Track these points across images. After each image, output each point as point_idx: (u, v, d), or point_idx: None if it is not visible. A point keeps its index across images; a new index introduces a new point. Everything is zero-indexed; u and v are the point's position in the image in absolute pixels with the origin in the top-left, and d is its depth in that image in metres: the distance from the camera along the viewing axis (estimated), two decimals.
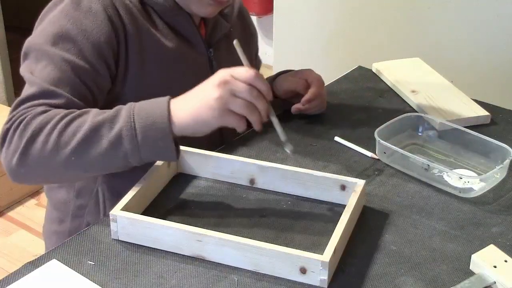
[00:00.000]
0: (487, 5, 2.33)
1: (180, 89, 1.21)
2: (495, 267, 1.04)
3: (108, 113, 1.11)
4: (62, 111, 1.12)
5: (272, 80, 1.51)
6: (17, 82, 3.16)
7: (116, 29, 1.22)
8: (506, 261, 1.05)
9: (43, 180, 1.25)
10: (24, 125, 1.10)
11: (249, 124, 1.11)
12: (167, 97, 1.12)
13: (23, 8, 3.75)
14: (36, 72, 1.17)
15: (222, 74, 1.09)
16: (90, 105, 1.18)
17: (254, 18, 3.63)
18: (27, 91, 1.15)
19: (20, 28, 3.97)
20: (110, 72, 1.23)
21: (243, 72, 1.09)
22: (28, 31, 1.27)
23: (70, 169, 1.11)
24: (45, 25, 1.22)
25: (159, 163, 1.20)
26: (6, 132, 1.12)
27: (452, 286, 1.02)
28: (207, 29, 1.38)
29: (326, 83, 1.64)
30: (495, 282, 1.02)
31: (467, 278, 1.04)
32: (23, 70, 1.20)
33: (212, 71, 1.36)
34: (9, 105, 2.94)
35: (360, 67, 1.77)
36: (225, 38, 1.41)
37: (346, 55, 2.71)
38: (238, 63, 1.16)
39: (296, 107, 1.45)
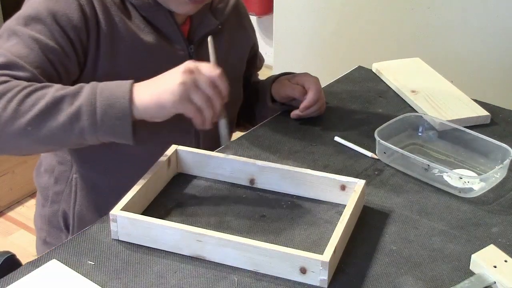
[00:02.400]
0: (487, 5, 2.33)
1: None
2: (495, 267, 1.04)
3: (70, 88, 1.12)
4: (24, 82, 1.12)
5: (271, 83, 1.50)
6: None
7: (87, 18, 1.23)
8: (506, 261, 1.05)
9: None
10: None
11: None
12: (130, 81, 1.13)
13: None
14: (4, 48, 1.17)
15: (189, 64, 1.12)
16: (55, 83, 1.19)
17: (254, 18, 3.62)
18: None
19: None
20: (78, 58, 1.23)
21: (209, 68, 1.12)
22: None
23: (24, 139, 1.11)
24: (21, 10, 1.23)
25: (159, 163, 1.20)
26: None
27: (452, 286, 1.02)
28: (192, 26, 1.37)
29: (326, 83, 1.64)
30: (495, 282, 1.02)
31: (467, 278, 1.04)
32: None
33: None
34: None
35: (360, 67, 1.77)
36: (212, 35, 1.40)
37: (346, 55, 2.71)
38: (221, 61, 1.17)
39: (295, 113, 1.45)
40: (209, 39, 1.18)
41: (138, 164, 1.29)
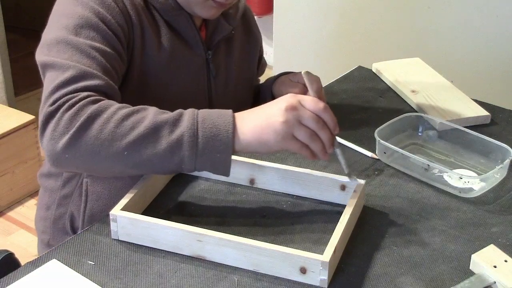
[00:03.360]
0: (487, 5, 2.33)
1: (177, 87, 1.21)
2: (495, 267, 1.04)
3: (170, 114, 1.08)
4: (116, 103, 1.09)
5: (272, 82, 1.50)
6: (17, 82, 3.17)
7: (127, 22, 1.23)
8: (506, 261, 1.05)
9: (83, 169, 1.17)
10: (77, 109, 1.06)
11: None
12: (230, 110, 1.10)
13: (23, 8, 3.76)
14: (67, 59, 1.13)
15: (291, 99, 1.08)
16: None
17: None
18: (63, 75, 1.11)
19: (20, 28, 3.98)
20: (127, 60, 1.24)
21: (312, 102, 1.08)
22: (28, 31, 1.28)
23: (118, 163, 1.07)
24: (59, 19, 1.20)
25: None
26: (51, 113, 1.07)
27: (452, 286, 1.02)
28: (208, 31, 1.38)
29: (326, 83, 1.64)
30: (495, 282, 1.02)
31: (467, 278, 1.04)
32: (47, 58, 1.15)
33: (208, 73, 1.36)
34: (9, 105, 2.94)
35: (360, 67, 1.77)
36: (225, 40, 1.41)
37: (346, 55, 2.71)
38: (235, 67, 1.16)
39: None
40: (304, 73, 1.15)
41: None
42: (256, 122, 1.08)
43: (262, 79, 1.62)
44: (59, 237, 1.41)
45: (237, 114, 1.10)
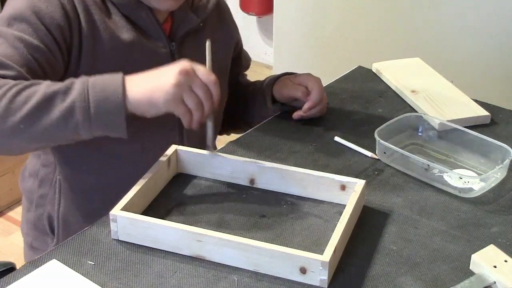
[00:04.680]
0: (487, 5, 2.33)
1: None
2: (495, 267, 1.04)
3: (61, 84, 1.12)
4: (12, 81, 1.11)
5: (273, 82, 1.49)
6: None
7: (69, 18, 1.23)
8: (506, 261, 1.05)
9: None
10: None
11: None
12: (121, 74, 1.13)
13: None
14: None
15: (185, 65, 1.12)
16: None
17: (254, 18, 3.62)
18: None
19: None
20: (62, 57, 1.23)
21: (205, 73, 1.12)
22: None
23: (16, 138, 1.10)
24: (4, 10, 1.23)
25: (159, 162, 1.20)
26: None
27: (452, 286, 1.02)
28: (173, 23, 1.36)
29: (326, 83, 1.64)
30: (495, 282, 1.02)
31: (467, 278, 1.04)
32: None
33: None
34: None
35: (360, 67, 1.77)
36: (193, 33, 1.39)
37: (346, 55, 2.71)
38: (203, 59, 1.17)
39: (297, 114, 1.45)
40: (208, 43, 1.18)
41: (121, 164, 1.30)
42: (148, 83, 1.12)
43: (262, 79, 1.61)
44: (40, 239, 1.41)
45: (128, 77, 1.13)
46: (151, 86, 1.11)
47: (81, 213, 1.35)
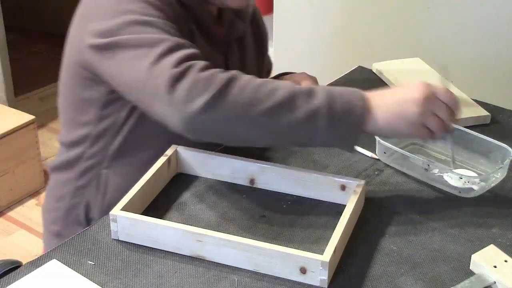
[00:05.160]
0: (487, 5, 2.33)
1: None
2: (495, 267, 1.04)
3: (301, 87, 1.10)
4: (244, 75, 1.09)
5: None
6: (17, 82, 3.17)
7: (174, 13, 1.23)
8: (506, 261, 1.05)
9: (216, 135, 1.11)
10: (211, 73, 1.06)
11: None
12: (360, 90, 1.12)
13: (23, 8, 3.76)
14: (152, 34, 1.12)
15: (426, 90, 1.10)
16: None
17: None
18: (159, 46, 1.10)
19: (20, 28, 3.98)
20: None
21: (446, 93, 1.12)
22: (28, 31, 1.27)
23: (255, 129, 1.07)
24: (111, 10, 1.18)
25: (159, 162, 1.20)
26: (182, 73, 1.06)
27: (452, 286, 1.02)
28: (225, 28, 1.38)
29: (326, 83, 1.64)
30: (495, 282, 1.02)
31: (467, 278, 1.04)
32: (123, 40, 1.13)
33: (227, 69, 1.36)
34: (9, 105, 2.93)
35: (360, 67, 1.77)
36: (238, 39, 1.41)
37: (346, 55, 2.71)
38: (248, 62, 1.17)
39: None
40: (442, 66, 1.21)
41: None
42: (391, 109, 1.10)
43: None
44: (70, 228, 1.41)
45: (369, 94, 1.12)
46: (396, 112, 1.10)
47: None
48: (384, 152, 1.33)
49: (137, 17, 1.15)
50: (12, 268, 1.18)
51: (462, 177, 1.24)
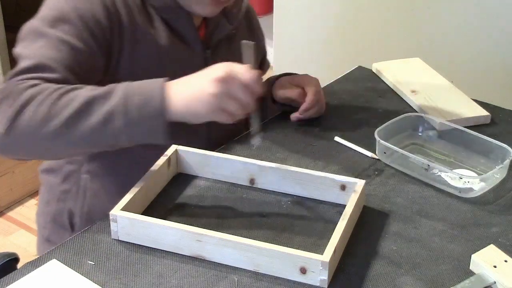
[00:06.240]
0: (487, 5, 2.33)
1: None
2: (495, 267, 1.04)
3: (101, 89, 1.11)
4: (55, 85, 1.11)
5: (273, 83, 1.50)
6: None
7: (112, 19, 1.23)
8: (506, 261, 1.05)
9: (27, 152, 1.17)
10: (15, 94, 1.09)
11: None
12: (162, 79, 1.12)
13: (23, 8, 3.75)
14: (32, 50, 1.16)
15: (223, 69, 1.09)
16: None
17: None
18: (21, 64, 1.15)
19: (20, 28, 3.98)
20: (104, 60, 1.23)
21: (245, 71, 1.09)
22: None
23: (57, 142, 1.10)
24: (44, 9, 1.22)
25: (159, 163, 1.20)
26: (1, 99, 1.10)
27: (452, 286, 1.02)
28: (208, 30, 1.37)
29: (326, 83, 1.64)
30: (495, 282, 1.02)
31: (467, 278, 1.04)
32: (19, 49, 1.18)
33: None
34: None
35: (360, 67, 1.77)
36: (226, 40, 1.41)
37: (346, 55, 2.71)
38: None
39: (295, 116, 1.45)
40: (245, 42, 1.16)
41: (147, 166, 1.29)
42: (187, 91, 1.10)
43: (263, 78, 1.61)
44: (58, 233, 1.42)
45: (168, 83, 1.11)
46: (191, 95, 1.09)
47: (103, 212, 1.35)
48: (384, 152, 1.33)
49: (40, 26, 1.19)
50: (9, 261, 1.19)
51: (462, 177, 1.24)
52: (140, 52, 1.26)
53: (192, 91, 1.10)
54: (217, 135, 1.36)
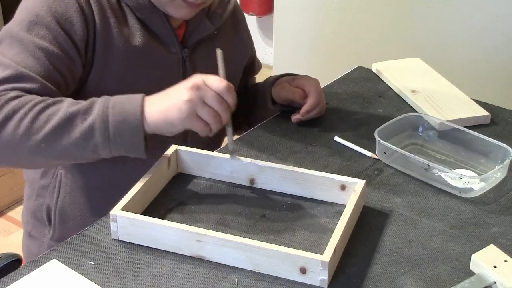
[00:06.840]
0: (486, 5, 2.33)
1: (148, 86, 1.22)
2: (495, 267, 1.04)
3: (82, 104, 1.13)
4: (37, 97, 1.13)
5: (271, 85, 1.49)
6: None
7: (87, 19, 1.23)
8: (506, 261, 1.05)
9: (9, 164, 1.23)
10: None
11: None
12: (141, 94, 1.14)
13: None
14: (9, 57, 1.17)
15: (196, 79, 1.12)
16: (63, 91, 1.20)
17: (254, 18, 3.62)
18: (1, 74, 1.15)
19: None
20: (81, 60, 1.24)
21: (216, 81, 1.12)
22: None
23: (38, 156, 1.12)
24: (20, 13, 1.23)
25: (159, 163, 1.20)
26: None
27: (452, 286, 1.02)
28: (187, 30, 1.36)
29: (326, 83, 1.64)
30: (495, 282, 1.02)
31: (467, 278, 1.04)
32: None
33: (184, 72, 1.35)
34: None
35: (360, 67, 1.77)
36: (207, 40, 1.39)
37: (346, 55, 2.71)
38: (215, 67, 1.17)
39: (296, 118, 1.44)
40: (218, 51, 1.18)
41: (122, 165, 1.29)
42: (163, 103, 1.12)
43: (263, 78, 1.61)
44: (38, 228, 1.42)
45: (147, 97, 1.14)
46: (166, 105, 1.12)
47: (78, 209, 1.36)
48: (384, 152, 1.33)
49: (17, 30, 1.19)
50: (13, 261, 1.20)
51: (462, 177, 1.24)
52: (114, 52, 1.26)
53: (168, 101, 1.12)
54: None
